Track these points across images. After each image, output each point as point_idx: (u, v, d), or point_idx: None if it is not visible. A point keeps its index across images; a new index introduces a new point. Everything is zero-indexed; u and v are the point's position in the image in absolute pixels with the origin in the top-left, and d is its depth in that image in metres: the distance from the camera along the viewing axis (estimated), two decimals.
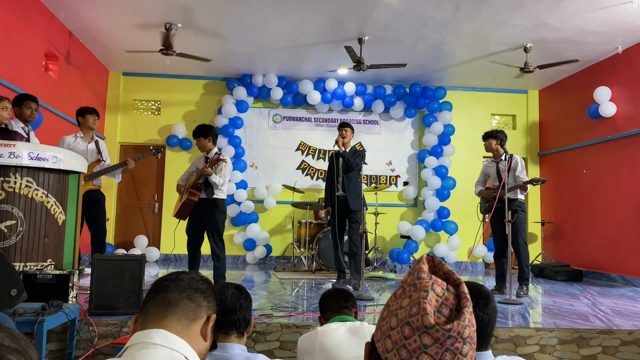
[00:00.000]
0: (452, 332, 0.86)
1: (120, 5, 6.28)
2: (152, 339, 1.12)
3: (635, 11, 6.02)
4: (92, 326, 3.54)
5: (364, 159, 5.78)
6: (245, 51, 7.84)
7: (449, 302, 0.91)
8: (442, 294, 0.91)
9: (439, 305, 0.90)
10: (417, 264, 0.98)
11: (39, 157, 3.67)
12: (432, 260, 0.99)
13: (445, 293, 0.92)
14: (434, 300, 0.90)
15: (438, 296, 0.91)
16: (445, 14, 6.30)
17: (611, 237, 7.45)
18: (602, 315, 4.59)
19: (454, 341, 0.86)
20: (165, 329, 1.15)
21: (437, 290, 0.92)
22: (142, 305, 1.23)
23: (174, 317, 1.18)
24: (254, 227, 8.70)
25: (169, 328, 1.16)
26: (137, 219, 9.03)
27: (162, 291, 1.21)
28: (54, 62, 6.83)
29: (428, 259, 0.99)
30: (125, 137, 8.98)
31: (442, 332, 0.86)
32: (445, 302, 0.91)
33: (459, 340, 0.87)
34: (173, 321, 1.17)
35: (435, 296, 0.91)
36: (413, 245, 8.70)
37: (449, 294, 0.92)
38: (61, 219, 3.91)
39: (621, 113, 7.36)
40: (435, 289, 0.91)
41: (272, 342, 3.70)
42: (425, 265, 0.98)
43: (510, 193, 5.59)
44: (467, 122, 9.38)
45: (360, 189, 5.82)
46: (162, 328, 1.15)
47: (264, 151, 9.17)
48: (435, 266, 0.98)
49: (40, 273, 3.53)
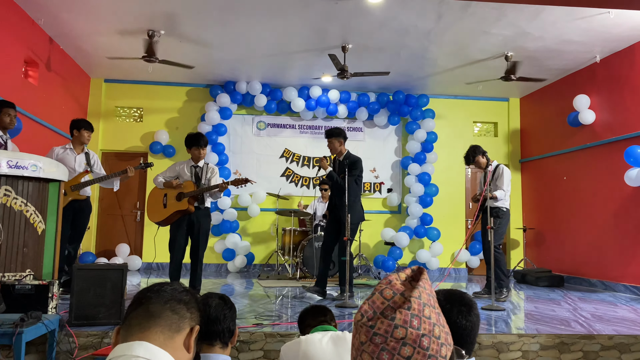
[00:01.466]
0: (377, 330, 0.86)
1: (102, 12, 6.23)
2: (135, 351, 1.10)
3: (613, 21, 6.16)
4: (72, 337, 3.47)
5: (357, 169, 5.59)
6: (229, 58, 7.83)
7: (396, 305, 0.91)
8: (390, 297, 0.92)
9: (384, 307, 0.90)
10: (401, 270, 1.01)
11: (18, 165, 3.60)
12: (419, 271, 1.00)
13: (396, 297, 0.92)
14: (379, 302, 0.91)
15: (385, 299, 0.91)
16: (428, 23, 6.37)
17: (591, 243, 7.57)
18: (583, 320, 4.65)
19: (384, 339, 0.86)
20: (148, 341, 1.14)
21: (387, 293, 0.92)
22: (124, 317, 1.21)
23: (157, 329, 1.16)
24: (236, 235, 8.66)
25: (152, 340, 1.14)
26: (118, 228, 8.91)
27: (144, 302, 1.20)
28: (33, 68, 6.73)
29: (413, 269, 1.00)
30: (107, 145, 8.88)
31: (366, 328, 0.87)
32: (392, 304, 0.91)
33: (390, 339, 0.86)
34: (156, 333, 1.15)
35: (382, 298, 0.91)
36: (397, 252, 8.73)
37: (400, 298, 0.92)
38: (41, 228, 3.85)
39: (600, 121, 7.50)
40: (385, 292, 0.92)
41: (256, 352, 3.67)
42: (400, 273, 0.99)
43: (490, 201, 5.71)
44: (450, 130, 9.47)
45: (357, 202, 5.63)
46: (144, 340, 1.14)
47: (248, 158, 9.14)
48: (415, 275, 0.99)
49: (18, 283, 3.46)
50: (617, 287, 6.99)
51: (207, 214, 5.36)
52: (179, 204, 5.14)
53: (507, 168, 5.99)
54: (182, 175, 5.31)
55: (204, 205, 5.29)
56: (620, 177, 6.81)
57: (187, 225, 5.22)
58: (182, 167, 5.36)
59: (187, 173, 5.31)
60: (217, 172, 5.53)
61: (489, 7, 5.88)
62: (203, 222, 5.27)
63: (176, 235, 5.21)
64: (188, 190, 5.16)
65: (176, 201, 5.17)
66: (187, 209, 5.11)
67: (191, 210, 5.15)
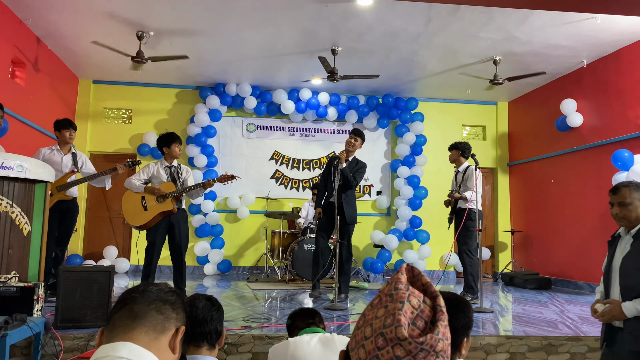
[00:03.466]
0: (425, 346, 0.85)
1: (91, 13, 6.19)
2: (119, 352, 1.09)
3: (599, 26, 6.23)
4: (57, 340, 3.43)
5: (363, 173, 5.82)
6: (219, 60, 7.81)
7: (424, 315, 0.90)
8: (417, 305, 0.90)
9: (414, 317, 0.89)
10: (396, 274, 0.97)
11: (4, 165, 3.56)
12: (412, 271, 0.98)
13: (421, 305, 0.91)
14: (409, 312, 0.89)
15: (414, 308, 0.90)
16: (417, 26, 6.40)
17: (578, 246, 7.64)
18: (570, 322, 4.69)
19: (427, 354, 0.85)
20: (133, 341, 1.12)
21: (413, 302, 0.90)
22: (108, 318, 1.20)
23: (142, 330, 1.15)
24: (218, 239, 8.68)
25: (136, 341, 1.13)
26: (106, 230, 8.84)
27: (129, 303, 1.18)
28: (21, 68, 6.67)
29: (407, 269, 0.98)
30: (95, 146, 8.82)
31: (414, 344, 0.85)
32: (420, 314, 0.90)
33: (431, 353, 0.85)
34: (140, 334, 1.14)
35: (411, 308, 0.90)
36: (386, 254, 8.74)
37: (425, 306, 0.91)
38: (26, 229, 3.80)
39: (587, 124, 7.58)
40: (412, 301, 0.90)
41: (245, 354, 3.65)
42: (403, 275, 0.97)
43: (460, 202, 5.77)
44: (439, 133, 9.52)
45: (355, 200, 5.84)
46: (129, 341, 1.12)
47: (237, 160, 9.11)
48: (415, 277, 0.98)
49: (3, 285, 3.42)
50: None
51: (185, 215, 5.33)
52: (163, 205, 5.04)
53: (476, 170, 5.71)
54: (157, 177, 5.19)
55: (182, 207, 5.25)
56: (607, 180, 6.87)
57: (166, 227, 5.14)
58: (156, 168, 5.23)
59: (162, 174, 5.20)
60: (191, 172, 5.50)
61: (478, 11, 5.92)
62: (183, 223, 5.21)
63: (155, 238, 5.09)
64: (170, 190, 5.09)
65: (157, 203, 5.05)
66: (171, 209, 5.04)
67: (175, 211, 5.08)
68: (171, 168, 5.27)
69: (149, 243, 5.12)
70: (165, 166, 5.26)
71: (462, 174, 5.92)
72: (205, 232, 8.66)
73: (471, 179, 5.79)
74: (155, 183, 5.19)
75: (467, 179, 5.86)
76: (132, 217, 5.11)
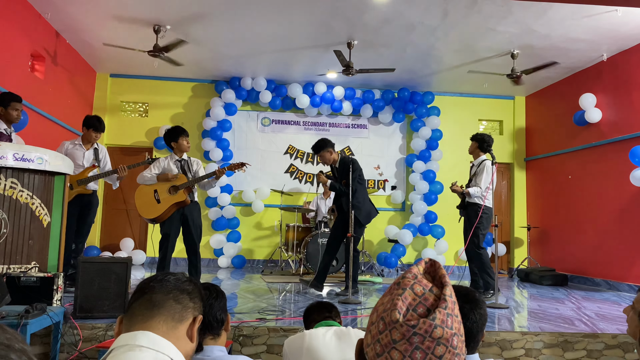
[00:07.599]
0: (418, 330, 0.86)
1: (109, 7, 6.24)
2: (138, 340, 1.11)
3: (620, 19, 6.12)
4: (76, 329, 3.49)
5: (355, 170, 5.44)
6: (235, 54, 7.83)
7: (427, 302, 0.91)
8: (421, 293, 0.92)
9: (416, 304, 0.90)
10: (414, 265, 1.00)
11: (24, 158, 3.62)
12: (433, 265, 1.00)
13: (426, 293, 0.92)
14: (410, 299, 0.91)
15: (416, 295, 0.91)
16: (434, 19, 6.35)
17: (595, 242, 7.54)
18: (587, 319, 4.64)
19: (422, 339, 0.86)
20: (151, 330, 1.14)
21: (417, 289, 0.92)
22: (127, 307, 1.21)
23: (160, 319, 1.16)
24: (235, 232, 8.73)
25: (155, 330, 1.14)
26: (123, 222, 8.95)
27: (147, 292, 1.20)
28: (40, 62, 6.76)
29: (427, 261, 1.00)
30: (112, 139, 8.91)
31: (406, 327, 0.86)
32: (423, 301, 0.91)
33: (427, 339, 0.86)
34: (159, 322, 1.16)
35: (413, 295, 0.91)
36: (400, 249, 8.72)
37: (430, 295, 0.92)
38: (46, 220, 3.86)
39: (606, 119, 7.46)
40: (415, 288, 0.92)
41: (259, 346, 3.68)
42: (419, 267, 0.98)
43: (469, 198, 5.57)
44: (455, 127, 9.44)
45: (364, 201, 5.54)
46: (147, 330, 1.14)
47: (252, 154, 9.14)
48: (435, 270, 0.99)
49: (24, 275, 3.48)
50: (621, 287, 6.96)
51: (199, 208, 5.39)
52: (176, 197, 5.07)
53: (493, 166, 5.43)
54: (168, 170, 5.21)
55: (194, 199, 5.31)
56: (625, 176, 6.77)
57: (181, 219, 5.19)
58: (167, 162, 5.25)
59: (173, 168, 5.22)
60: (202, 164, 5.55)
61: (496, 4, 5.85)
62: (196, 215, 5.28)
63: (170, 231, 5.13)
64: (181, 182, 5.13)
65: (170, 195, 5.08)
66: (184, 200, 5.08)
67: (188, 202, 5.12)
68: (181, 161, 5.31)
69: (163, 235, 5.17)
70: (175, 160, 5.29)
71: (476, 168, 5.65)
72: (222, 225, 8.72)
73: (481, 174, 5.50)
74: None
75: (478, 173, 5.56)
76: (145, 210, 5.14)
